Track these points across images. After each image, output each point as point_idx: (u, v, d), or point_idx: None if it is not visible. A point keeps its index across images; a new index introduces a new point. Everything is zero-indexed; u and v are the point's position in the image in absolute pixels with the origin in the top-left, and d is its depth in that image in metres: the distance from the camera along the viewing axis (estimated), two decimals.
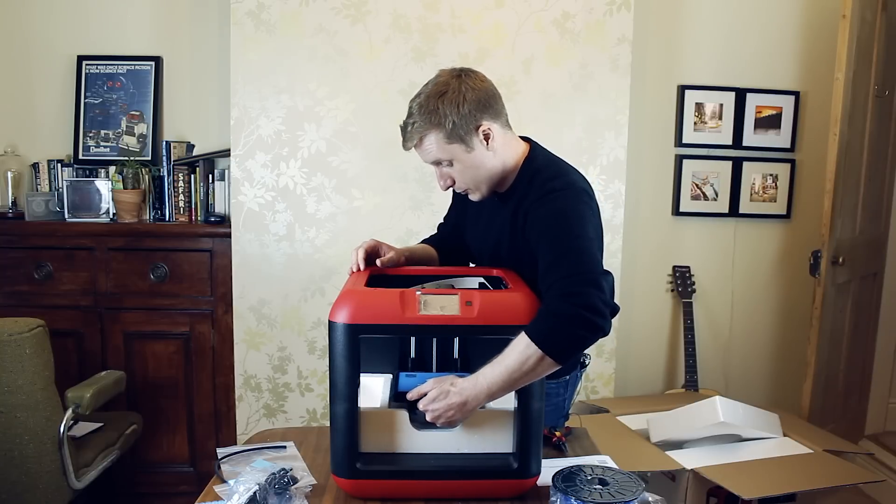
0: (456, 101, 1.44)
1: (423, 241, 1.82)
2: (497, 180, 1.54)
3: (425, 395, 1.33)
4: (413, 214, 2.71)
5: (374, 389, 1.43)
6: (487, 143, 1.48)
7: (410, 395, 1.35)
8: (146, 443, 2.80)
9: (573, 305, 1.29)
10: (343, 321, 1.26)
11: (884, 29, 2.89)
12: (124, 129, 2.97)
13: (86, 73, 2.95)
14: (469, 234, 1.74)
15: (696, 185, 3.10)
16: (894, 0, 2.90)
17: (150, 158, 2.95)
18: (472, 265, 1.77)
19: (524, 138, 1.61)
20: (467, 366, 1.41)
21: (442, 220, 1.88)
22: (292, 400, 2.78)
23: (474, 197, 1.57)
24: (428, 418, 1.32)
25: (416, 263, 1.65)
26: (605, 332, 1.31)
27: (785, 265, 3.21)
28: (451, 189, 1.60)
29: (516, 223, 1.51)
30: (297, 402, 2.79)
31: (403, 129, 1.49)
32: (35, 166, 2.94)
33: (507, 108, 1.56)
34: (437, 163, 1.50)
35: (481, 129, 1.47)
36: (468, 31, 2.65)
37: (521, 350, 1.27)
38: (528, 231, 1.47)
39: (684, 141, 3.07)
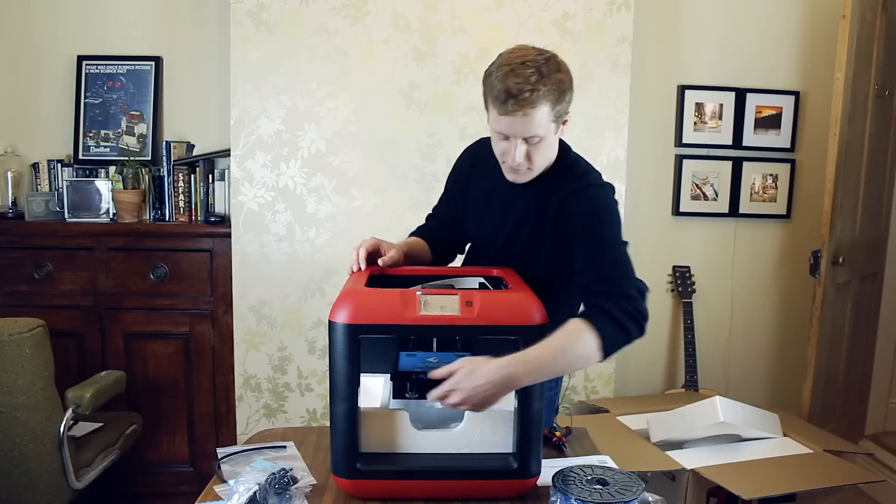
0: (570, 84, 1.45)
1: (415, 233, 1.78)
2: None
3: (449, 375, 1.25)
4: (413, 214, 2.71)
5: (374, 389, 1.43)
6: (563, 130, 1.51)
7: (437, 374, 1.26)
8: (146, 443, 2.80)
9: (630, 316, 1.37)
10: (343, 321, 1.26)
11: (884, 29, 2.89)
12: (124, 129, 2.97)
13: (86, 73, 2.95)
14: (473, 225, 1.71)
15: (696, 185, 3.10)
16: (894, 0, 2.90)
17: (150, 158, 2.95)
18: (460, 256, 1.77)
19: None
20: (468, 346, 1.41)
21: (431, 212, 1.84)
22: (292, 400, 2.78)
23: (524, 179, 1.53)
24: (453, 400, 1.24)
25: (414, 260, 1.65)
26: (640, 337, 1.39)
27: (785, 265, 3.21)
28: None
29: (547, 209, 1.52)
30: (297, 402, 2.79)
31: (519, 93, 1.38)
32: (35, 166, 2.94)
33: None
34: (527, 137, 1.44)
35: (568, 114, 1.49)
36: (468, 31, 2.65)
37: (588, 353, 1.31)
38: (568, 220, 1.48)
39: (684, 141, 3.07)
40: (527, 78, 1.38)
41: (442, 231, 1.77)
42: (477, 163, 1.69)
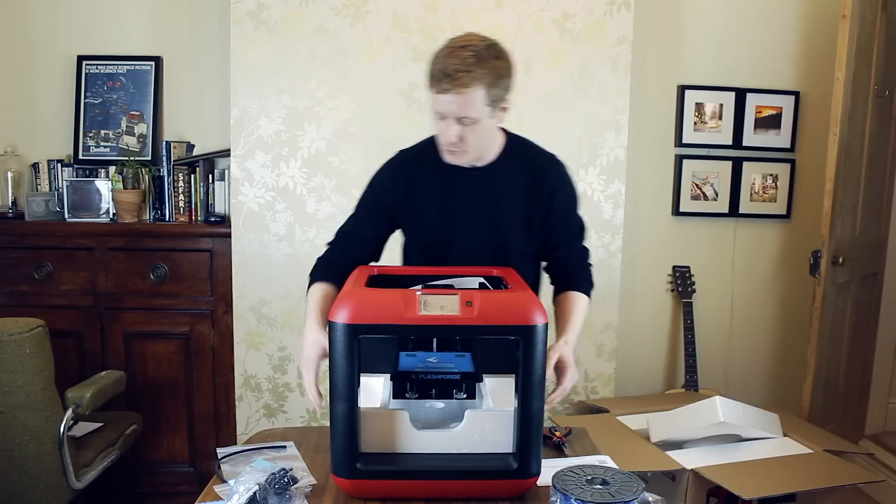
0: (509, 72, 1.52)
1: (321, 278, 1.68)
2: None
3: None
4: None
5: (374, 389, 1.43)
6: (501, 117, 1.56)
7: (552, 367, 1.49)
8: (146, 443, 2.80)
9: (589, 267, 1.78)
10: (343, 321, 1.26)
11: (884, 29, 2.89)
12: (124, 129, 2.97)
13: (86, 73, 2.95)
14: (430, 228, 1.68)
15: (696, 185, 3.10)
16: (894, 0, 2.90)
17: (150, 158, 2.95)
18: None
19: None
20: (468, 345, 1.42)
21: (344, 238, 1.75)
22: (292, 400, 2.78)
23: (459, 160, 1.60)
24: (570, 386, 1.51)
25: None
26: None
27: (785, 265, 3.21)
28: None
29: (536, 191, 1.64)
30: (297, 402, 2.79)
31: (454, 73, 1.45)
32: (35, 166, 2.94)
33: None
34: (461, 118, 1.49)
35: (506, 101, 1.54)
36: (468, 32, 2.65)
37: (586, 306, 1.67)
38: (556, 201, 1.65)
39: (684, 141, 3.07)
40: (464, 60, 1.46)
41: (364, 253, 1.71)
42: (413, 171, 1.70)
